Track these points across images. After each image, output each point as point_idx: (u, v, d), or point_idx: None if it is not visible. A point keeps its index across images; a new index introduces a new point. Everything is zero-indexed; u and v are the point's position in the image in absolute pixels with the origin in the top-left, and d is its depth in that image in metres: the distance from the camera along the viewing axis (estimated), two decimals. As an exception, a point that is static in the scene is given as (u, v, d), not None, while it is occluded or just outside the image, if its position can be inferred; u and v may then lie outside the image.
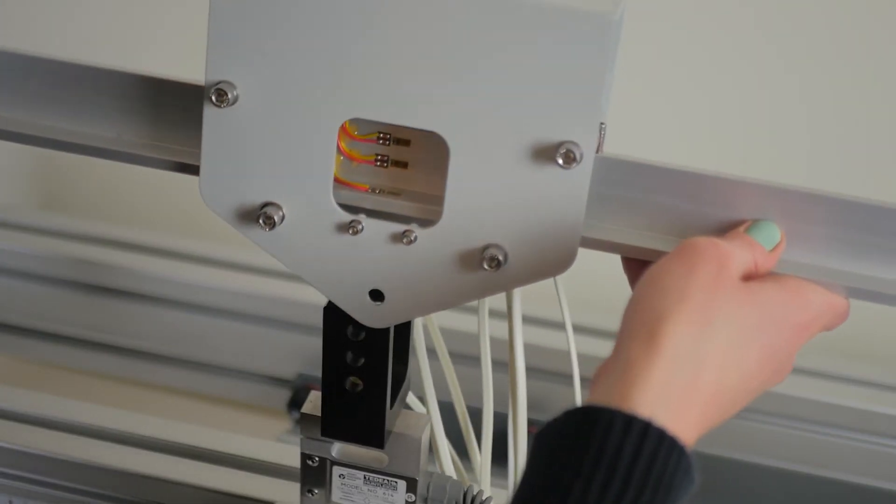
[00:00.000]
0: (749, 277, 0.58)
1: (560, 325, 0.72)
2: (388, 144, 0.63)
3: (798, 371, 1.16)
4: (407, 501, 0.74)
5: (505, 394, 0.73)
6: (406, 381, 0.74)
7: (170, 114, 0.65)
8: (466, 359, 0.86)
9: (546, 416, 0.48)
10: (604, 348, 0.55)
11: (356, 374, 0.69)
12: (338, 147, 0.61)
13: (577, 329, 0.74)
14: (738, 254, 0.56)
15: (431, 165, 0.61)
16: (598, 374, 0.55)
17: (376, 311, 0.65)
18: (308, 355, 1.24)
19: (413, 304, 0.64)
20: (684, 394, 0.52)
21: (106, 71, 0.65)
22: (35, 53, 0.66)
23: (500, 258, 0.61)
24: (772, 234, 0.59)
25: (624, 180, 0.61)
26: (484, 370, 0.74)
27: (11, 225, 1.31)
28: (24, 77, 0.66)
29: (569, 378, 0.73)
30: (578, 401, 0.74)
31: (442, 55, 0.58)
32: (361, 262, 0.63)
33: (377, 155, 0.63)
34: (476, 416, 0.78)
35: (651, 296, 0.54)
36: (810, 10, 1.22)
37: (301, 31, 0.59)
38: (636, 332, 0.53)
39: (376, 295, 0.64)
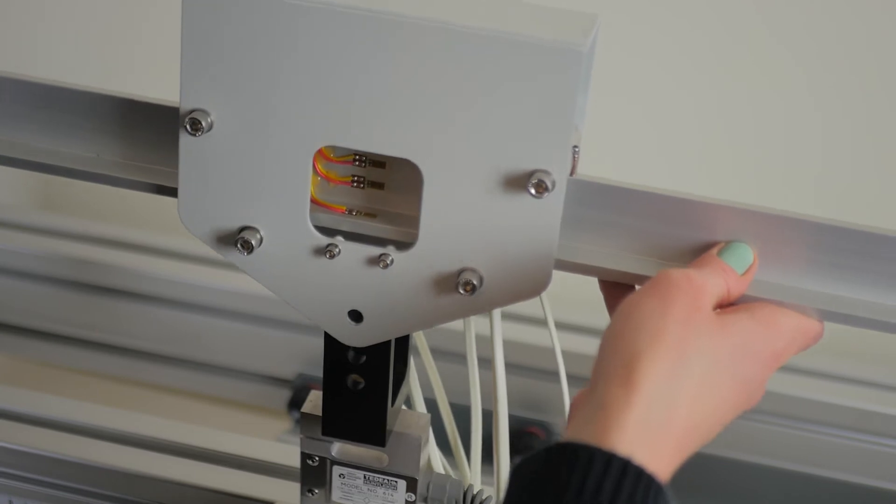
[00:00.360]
0: (722, 304, 0.59)
1: (543, 322, 0.72)
2: (364, 166, 0.63)
3: (798, 371, 1.16)
4: (407, 501, 0.74)
5: (487, 392, 0.73)
6: (406, 379, 0.74)
7: (147, 135, 0.66)
8: (449, 356, 0.87)
9: (532, 414, 0.48)
10: (588, 345, 0.56)
11: (358, 372, 0.69)
12: (314, 168, 0.62)
13: (562, 326, 0.74)
14: (710, 284, 0.58)
15: (407, 187, 0.62)
16: (575, 405, 0.56)
17: (356, 331, 0.65)
18: (308, 355, 1.24)
19: (392, 325, 0.65)
20: (660, 430, 0.53)
21: (84, 92, 0.66)
22: (11, 74, 0.66)
23: (475, 282, 0.61)
24: (744, 256, 0.60)
25: (598, 202, 0.62)
26: (470, 368, 0.75)
27: (11, 225, 1.31)
28: (2, 98, 0.67)
29: (555, 375, 0.73)
30: (566, 397, 0.74)
31: (413, 85, 0.58)
32: (339, 285, 0.64)
33: (354, 176, 0.63)
34: (457, 413, 0.79)
35: (627, 332, 0.55)
36: (794, 20, 1.22)
37: (274, 62, 0.59)
38: (613, 369, 0.54)
39: (355, 315, 0.65)
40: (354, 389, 0.70)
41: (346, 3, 0.57)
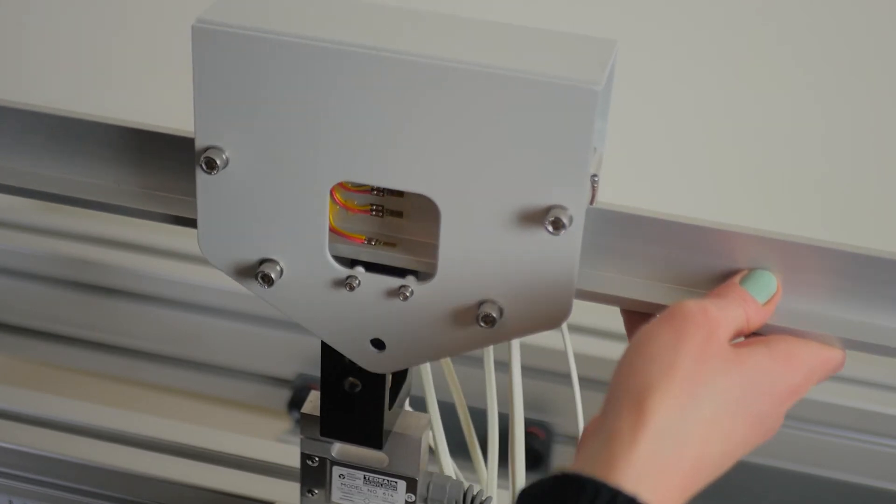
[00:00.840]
0: (741, 333, 0.58)
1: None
2: (383, 195, 0.63)
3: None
4: (407, 501, 0.74)
5: (502, 394, 0.73)
6: (407, 381, 0.74)
7: (167, 165, 0.66)
8: (465, 358, 0.86)
9: (532, 414, 0.48)
10: (601, 348, 0.56)
11: (355, 375, 0.69)
12: (333, 198, 0.62)
13: (575, 329, 0.74)
14: (728, 316, 0.57)
15: (427, 215, 0.61)
16: (586, 433, 0.55)
17: (379, 359, 0.65)
18: (308, 355, 1.24)
19: (414, 354, 0.65)
20: (667, 467, 0.52)
21: (104, 124, 0.66)
22: (34, 108, 0.67)
23: (495, 315, 0.61)
24: (767, 284, 0.59)
25: (618, 231, 0.61)
26: (487, 373, 0.74)
27: (11, 225, 1.31)
28: (22, 130, 0.67)
29: (556, 374, 0.73)
30: (578, 402, 0.74)
31: (427, 122, 0.58)
32: (360, 315, 0.64)
33: (372, 205, 0.63)
34: (475, 416, 0.78)
35: (639, 364, 0.55)
36: (800, 22, 1.22)
37: (285, 100, 0.59)
38: (624, 401, 0.54)
39: (378, 343, 0.65)
40: (352, 392, 0.70)
41: (356, 42, 0.57)
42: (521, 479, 0.75)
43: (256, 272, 0.63)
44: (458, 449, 0.80)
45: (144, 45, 1.37)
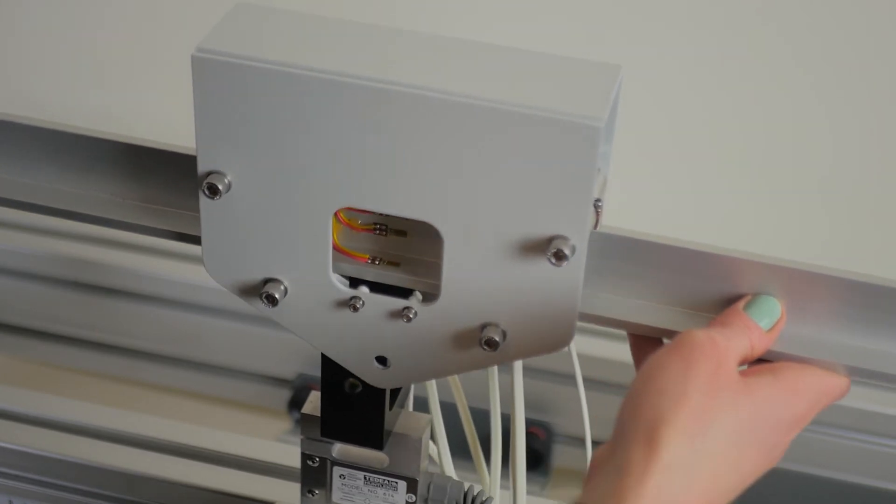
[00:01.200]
0: (745, 361, 0.58)
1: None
2: (387, 215, 0.63)
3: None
4: (407, 502, 0.74)
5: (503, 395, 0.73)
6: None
7: (172, 181, 0.66)
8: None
9: (533, 414, 0.48)
10: (605, 348, 0.56)
11: (355, 376, 0.69)
12: (337, 217, 0.62)
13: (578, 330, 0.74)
14: (734, 346, 0.57)
15: (430, 233, 0.61)
16: (594, 465, 0.55)
17: (384, 375, 0.66)
18: (308, 355, 1.24)
19: (418, 372, 0.65)
20: (677, 500, 0.52)
21: (108, 141, 0.66)
22: (34, 122, 0.67)
23: (498, 339, 0.61)
24: (772, 310, 0.59)
25: (622, 255, 0.61)
26: (490, 373, 0.74)
27: (11, 225, 1.31)
28: (23, 143, 0.67)
29: (557, 375, 0.73)
30: (584, 402, 0.74)
31: (427, 153, 0.57)
32: (364, 335, 0.64)
33: (376, 224, 0.63)
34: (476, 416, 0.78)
35: (649, 395, 0.55)
36: (801, 21, 1.22)
37: (286, 129, 0.58)
38: (634, 433, 0.54)
39: (382, 360, 0.65)
40: (352, 392, 0.70)
41: (355, 73, 0.57)
42: (521, 480, 0.75)
43: (261, 292, 0.63)
44: (459, 449, 0.80)
45: (142, 44, 1.37)
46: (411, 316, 0.63)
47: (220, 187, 0.60)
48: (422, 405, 0.77)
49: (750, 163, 1.29)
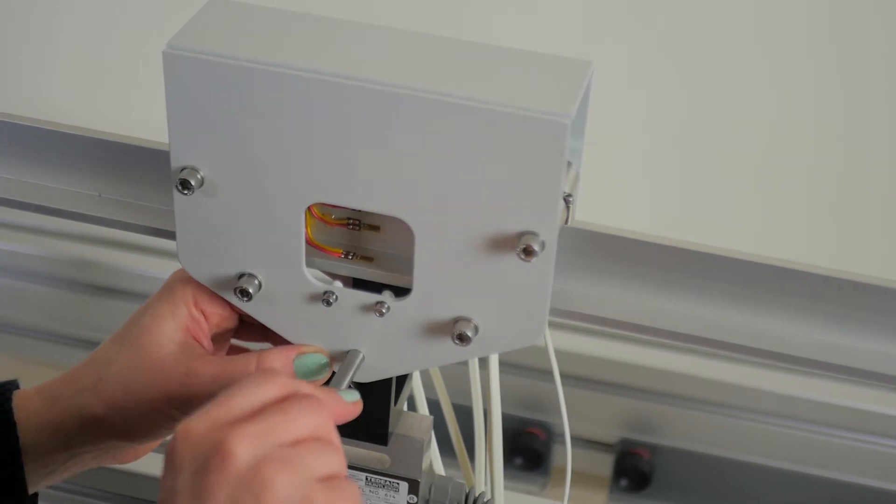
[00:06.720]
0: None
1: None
2: (359, 210, 0.63)
3: (798, 371, 1.16)
4: (409, 502, 0.74)
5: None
6: (409, 378, 0.74)
7: (147, 176, 0.67)
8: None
9: (532, 414, 0.47)
10: (585, 345, 0.56)
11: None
12: (310, 212, 0.62)
13: (580, 330, 0.74)
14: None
15: (403, 228, 0.61)
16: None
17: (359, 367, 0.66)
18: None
19: (391, 366, 0.66)
20: None
21: (85, 137, 0.67)
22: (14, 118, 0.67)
23: (470, 333, 0.62)
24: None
25: (593, 250, 0.62)
26: (472, 370, 0.75)
27: (11, 225, 1.31)
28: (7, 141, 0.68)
29: (569, 377, 0.73)
30: (561, 399, 0.74)
31: (398, 149, 0.58)
32: (338, 328, 0.65)
33: (349, 219, 0.64)
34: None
35: None
36: (804, 20, 1.23)
37: (258, 125, 0.59)
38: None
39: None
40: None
41: (325, 70, 0.57)
42: (499, 474, 0.76)
43: (235, 286, 0.64)
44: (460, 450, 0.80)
45: (138, 44, 1.37)
46: (384, 311, 0.63)
47: (193, 183, 0.61)
48: (434, 407, 0.77)
49: (749, 163, 1.29)
